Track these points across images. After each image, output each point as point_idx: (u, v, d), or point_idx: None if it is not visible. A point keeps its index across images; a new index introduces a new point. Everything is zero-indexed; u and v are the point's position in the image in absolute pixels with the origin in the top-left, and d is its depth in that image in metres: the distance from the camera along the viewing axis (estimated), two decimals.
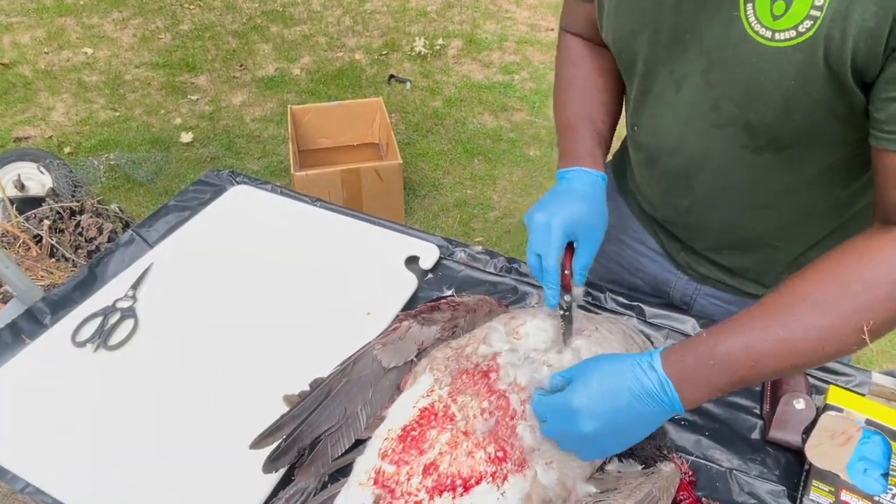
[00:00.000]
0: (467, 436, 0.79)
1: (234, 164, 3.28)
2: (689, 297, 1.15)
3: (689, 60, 0.84)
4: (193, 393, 0.98)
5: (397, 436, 0.82)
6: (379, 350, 0.93)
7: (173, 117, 3.60)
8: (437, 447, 0.79)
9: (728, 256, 1.05)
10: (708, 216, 1.00)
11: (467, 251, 1.25)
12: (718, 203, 0.96)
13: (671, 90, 0.88)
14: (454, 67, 4.05)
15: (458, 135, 3.52)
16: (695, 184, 0.95)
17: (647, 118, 0.96)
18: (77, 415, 0.95)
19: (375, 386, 0.91)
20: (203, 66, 4.00)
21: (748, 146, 0.85)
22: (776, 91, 0.76)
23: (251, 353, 1.04)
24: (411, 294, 1.15)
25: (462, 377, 0.85)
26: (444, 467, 0.77)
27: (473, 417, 0.80)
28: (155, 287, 1.16)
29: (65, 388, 0.99)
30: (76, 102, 3.67)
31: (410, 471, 0.78)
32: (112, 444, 0.92)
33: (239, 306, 1.12)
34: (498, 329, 0.91)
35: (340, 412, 0.88)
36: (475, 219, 3.05)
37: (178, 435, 0.93)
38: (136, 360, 1.03)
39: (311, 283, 1.16)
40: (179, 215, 1.32)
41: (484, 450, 0.78)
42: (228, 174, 1.43)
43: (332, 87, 3.85)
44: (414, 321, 0.96)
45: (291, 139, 2.88)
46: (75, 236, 2.24)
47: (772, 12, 0.73)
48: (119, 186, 3.14)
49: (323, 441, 0.86)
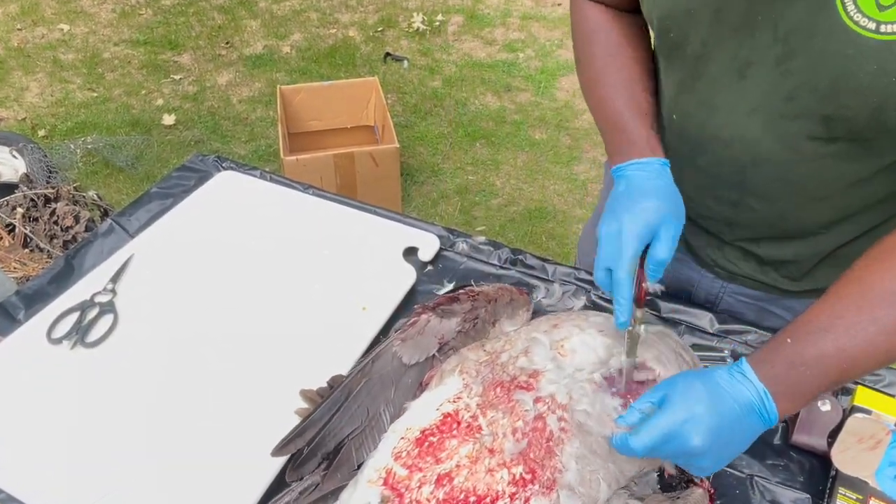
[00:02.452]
0: (492, 453, 0.78)
1: (219, 149, 3.27)
2: (715, 295, 1.14)
3: (760, 46, 0.80)
4: (176, 393, 0.98)
5: (415, 438, 0.81)
6: (398, 346, 0.93)
7: (155, 98, 3.58)
8: (456, 458, 0.78)
9: (766, 247, 1.04)
10: (756, 209, 0.97)
11: (469, 242, 1.25)
12: (772, 195, 0.94)
13: (732, 77, 0.85)
14: (454, 45, 4.03)
15: (458, 117, 3.51)
16: (749, 176, 0.93)
17: (694, 106, 0.92)
18: (52, 416, 0.95)
19: (397, 384, 0.91)
20: (186, 43, 3.98)
21: (820, 138, 0.83)
22: (874, 87, 0.73)
23: (238, 352, 1.03)
24: (409, 288, 1.15)
25: (496, 390, 0.84)
26: (459, 481, 0.76)
27: (503, 436, 0.80)
28: (136, 280, 1.15)
29: (39, 387, 0.98)
30: (51, 82, 3.65)
31: (423, 478, 0.77)
32: (89, 447, 0.91)
33: (225, 301, 1.11)
34: (541, 342, 0.89)
35: (363, 414, 0.88)
36: (477, 206, 3.04)
37: (159, 438, 0.92)
38: (115, 357, 1.03)
39: (303, 276, 1.16)
40: (162, 203, 1.31)
41: (508, 470, 0.77)
42: (214, 159, 1.42)
43: (324, 66, 3.83)
44: (433, 314, 0.96)
45: (281, 121, 2.87)
46: (50, 225, 2.23)
47: (878, 2, 0.70)
48: (97, 172, 3.13)
49: (347, 445, 0.87)
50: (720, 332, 1.10)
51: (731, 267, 1.09)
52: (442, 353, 0.94)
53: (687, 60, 0.89)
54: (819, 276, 1.03)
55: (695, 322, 1.11)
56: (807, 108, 0.80)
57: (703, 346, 1.07)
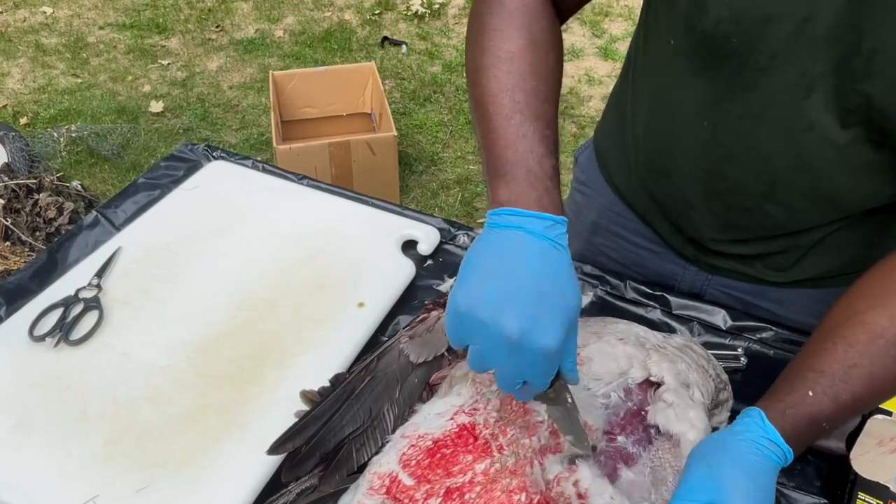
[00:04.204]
0: (514, 475, 0.77)
1: (209, 137, 3.27)
2: (699, 288, 1.14)
3: (837, 63, 0.76)
4: (164, 392, 0.97)
5: (427, 448, 0.80)
6: (406, 343, 0.92)
7: (142, 84, 3.58)
8: (469, 474, 0.77)
9: (754, 245, 1.04)
10: (773, 215, 0.95)
11: (471, 234, 1.24)
12: (802, 199, 0.92)
13: (797, 93, 0.80)
14: (455, 28, 4.02)
15: (459, 104, 3.50)
16: (780, 188, 0.91)
17: (737, 118, 0.87)
18: (35, 417, 0.94)
19: (403, 383, 0.91)
20: (175, 27, 3.97)
21: (871, 147, 0.81)
22: None
23: (229, 350, 1.03)
24: (408, 283, 1.14)
25: (512, 403, 0.82)
26: (470, 496, 0.75)
27: (524, 458, 0.78)
28: (122, 275, 1.14)
29: (21, 387, 0.98)
30: (33, 68, 3.65)
31: (431, 490, 0.76)
32: (74, 449, 0.91)
33: (215, 297, 1.11)
34: None
35: (365, 413, 0.88)
36: (479, 198, 3.03)
37: (148, 439, 0.92)
38: (100, 356, 1.02)
39: (296, 270, 1.15)
40: (149, 194, 1.31)
41: (527, 493, 0.75)
42: (204, 148, 1.41)
43: (318, 51, 3.83)
44: (443, 310, 0.94)
45: (273, 109, 2.86)
46: (33, 217, 2.23)
47: None
48: (82, 162, 3.13)
49: (347, 445, 0.86)
50: (733, 330, 1.09)
51: (712, 261, 1.09)
52: (451, 352, 0.93)
53: (742, 70, 0.83)
54: (806, 266, 1.03)
55: (707, 319, 1.10)
56: (868, 122, 0.79)
57: (716, 345, 1.07)
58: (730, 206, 0.98)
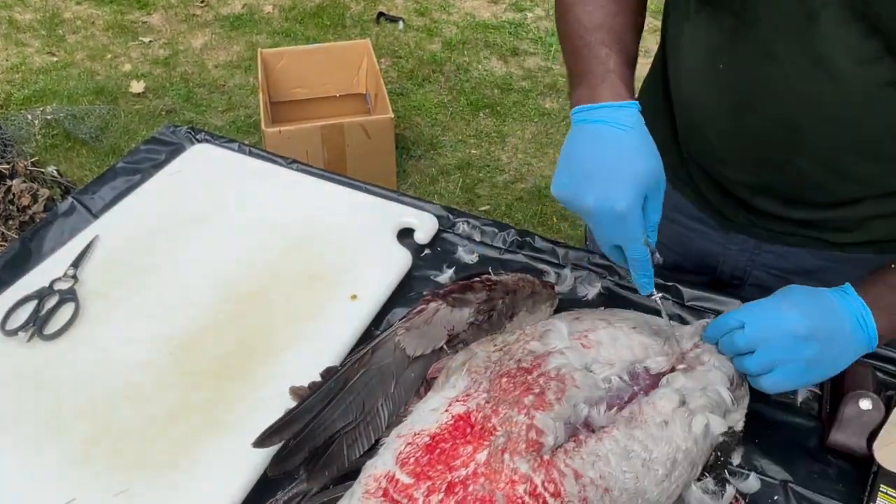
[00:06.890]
0: (512, 454, 0.77)
1: (193, 119, 3.27)
2: (742, 269, 1.15)
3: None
4: (144, 390, 0.98)
5: (424, 444, 0.80)
6: (402, 336, 0.92)
7: (122, 63, 3.57)
8: (472, 466, 0.77)
9: (805, 211, 1.04)
10: (806, 172, 0.96)
11: (471, 222, 1.24)
12: (830, 151, 0.93)
13: (799, 22, 0.83)
14: (456, 3, 4.01)
15: (460, 84, 3.50)
16: (805, 135, 0.92)
17: (748, 55, 0.91)
18: (7, 416, 0.94)
19: (398, 377, 0.91)
20: (157, 2, 3.96)
21: (888, 76, 0.82)
22: None
23: (214, 346, 1.03)
24: (405, 273, 1.14)
25: (501, 381, 0.83)
26: (474, 488, 0.75)
27: (518, 436, 0.78)
28: (99, 265, 1.14)
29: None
30: (6, 45, 3.64)
31: (432, 486, 0.76)
32: (49, 450, 0.91)
33: (199, 289, 1.11)
34: (559, 329, 0.89)
35: (358, 407, 0.88)
36: (481, 184, 3.03)
37: (127, 440, 0.92)
38: (76, 351, 1.02)
39: (286, 260, 1.15)
40: (129, 180, 1.31)
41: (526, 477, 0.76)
42: (187, 131, 1.41)
43: (310, 27, 3.82)
44: (443, 302, 0.95)
45: (262, 89, 2.86)
46: (5, 205, 2.23)
47: None
48: (57, 145, 3.12)
49: (338, 440, 0.86)
50: None
51: (769, 225, 1.09)
52: (451, 346, 0.94)
53: (741, 3, 0.87)
54: (873, 229, 1.04)
55: (722, 310, 1.10)
56: (882, 53, 0.80)
57: None
58: (759, 161, 1.00)
